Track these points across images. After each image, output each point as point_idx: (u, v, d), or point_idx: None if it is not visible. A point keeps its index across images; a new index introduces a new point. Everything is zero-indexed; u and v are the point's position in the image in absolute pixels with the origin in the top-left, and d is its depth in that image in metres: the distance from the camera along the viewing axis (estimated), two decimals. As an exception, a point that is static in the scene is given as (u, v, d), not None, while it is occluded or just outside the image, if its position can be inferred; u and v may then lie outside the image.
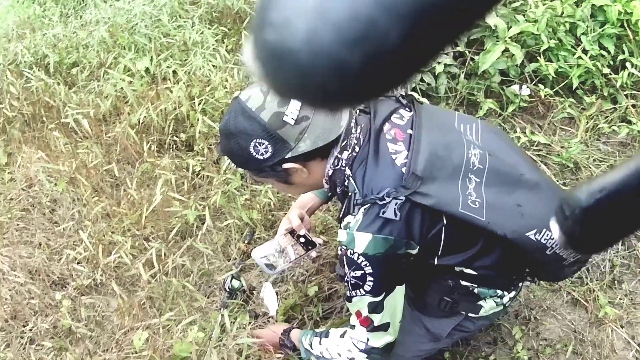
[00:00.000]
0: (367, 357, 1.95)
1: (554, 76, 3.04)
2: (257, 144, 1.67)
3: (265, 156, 1.69)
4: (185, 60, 3.72)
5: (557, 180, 2.91)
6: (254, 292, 2.76)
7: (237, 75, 3.48)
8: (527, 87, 3.09)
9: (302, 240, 2.30)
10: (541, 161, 2.98)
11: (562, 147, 3.01)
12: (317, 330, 2.17)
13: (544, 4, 3.14)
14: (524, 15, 3.12)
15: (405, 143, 1.76)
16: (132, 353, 2.52)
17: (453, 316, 2.10)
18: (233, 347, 2.38)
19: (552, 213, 1.82)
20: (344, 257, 1.76)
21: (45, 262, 2.97)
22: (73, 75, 3.88)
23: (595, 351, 2.54)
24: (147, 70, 3.66)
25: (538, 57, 3.05)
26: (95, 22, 4.31)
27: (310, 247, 2.29)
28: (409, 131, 1.79)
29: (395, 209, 1.67)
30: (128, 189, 3.04)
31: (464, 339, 2.50)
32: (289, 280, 2.72)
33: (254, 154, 1.70)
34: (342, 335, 2.00)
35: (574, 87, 3.06)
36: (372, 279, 1.75)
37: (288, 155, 1.69)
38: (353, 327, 1.92)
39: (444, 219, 1.74)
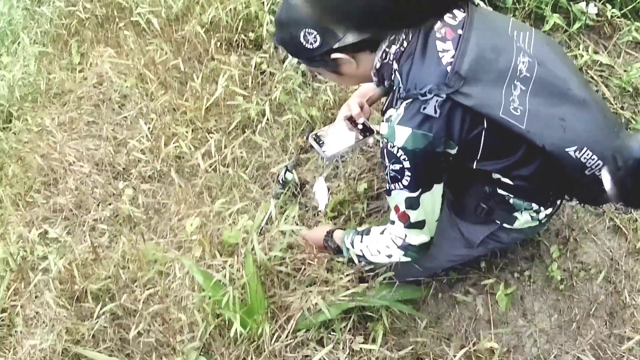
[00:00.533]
0: (404, 254, 2.01)
1: (623, -3, 2.89)
2: (306, 33, 1.74)
3: (314, 45, 1.77)
4: (256, -40, 3.70)
5: (616, 104, 2.79)
6: (306, 186, 2.77)
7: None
8: (595, 5, 2.94)
9: (359, 127, 2.29)
10: (602, 82, 2.84)
11: (624, 71, 2.85)
12: (358, 229, 2.20)
13: None
14: None
15: (454, 42, 1.74)
16: (185, 239, 2.59)
17: (488, 224, 2.11)
18: (276, 234, 2.42)
19: (596, 132, 1.76)
20: (385, 150, 1.81)
21: (111, 154, 3.07)
22: (147, -23, 3.93)
23: (628, 282, 2.46)
24: (219, -30, 3.66)
25: (607, -24, 2.90)
26: None
27: (367, 134, 2.27)
28: (459, 31, 1.76)
29: (435, 106, 1.67)
30: (193, 83, 3.09)
31: (500, 250, 2.48)
32: (340, 176, 2.72)
33: (304, 43, 1.77)
34: (382, 233, 2.04)
35: (642, 10, 2.89)
36: (409, 173, 1.79)
37: (336, 46, 1.76)
38: (392, 222, 1.96)
39: (485, 122, 1.72)
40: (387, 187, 1.90)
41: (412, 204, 1.86)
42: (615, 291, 2.45)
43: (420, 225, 1.92)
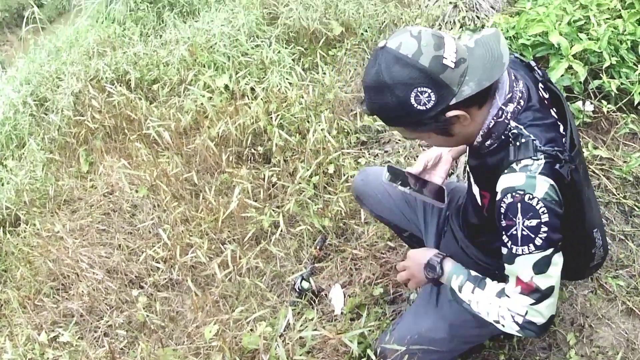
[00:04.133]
0: (518, 331, 1.87)
1: (617, 92, 3.33)
2: (418, 93, 1.67)
3: (429, 105, 1.69)
4: (263, 77, 4.20)
5: (619, 194, 3.18)
6: (321, 293, 3.11)
7: (313, 92, 3.90)
8: (591, 103, 3.37)
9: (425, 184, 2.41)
10: (603, 175, 3.24)
11: (624, 162, 3.27)
12: (472, 272, 2.04)
13: (606, 23, 3.44)
14: (586, 34, 3.42)
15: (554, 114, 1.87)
16: (203, 345, 2.89)
17: None
18: (297, 340, 2.71)
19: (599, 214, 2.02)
20: (519, 204, 1.74)
21: (124, 262, 3.42)
22: (154, 91, 4.39)
23: (646, 361, 2.80)
24: (226, 87, 4.13)
25: (601, 74, 3.34)
26: (175, 41, 4.86)
27: (435, 198, 2.31)
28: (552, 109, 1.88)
29: (568, 171, 1.73)
30: (207, 195, 3.48)
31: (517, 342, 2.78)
32: (355, 283, 3.07)
33: (415, 105, 1.69)
34: (499, 295, 1.91)
35: (636, 103, 3.30)
36: (546, 228, 1.73)
37: (452, 102, 1.70)
38: (509, 296, 1.87)
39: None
40: (512, 252, 1.81)
41: (543, 266, 1.78)
42: (634, 370, 2.76)
43: (548, 293, 1.80)
